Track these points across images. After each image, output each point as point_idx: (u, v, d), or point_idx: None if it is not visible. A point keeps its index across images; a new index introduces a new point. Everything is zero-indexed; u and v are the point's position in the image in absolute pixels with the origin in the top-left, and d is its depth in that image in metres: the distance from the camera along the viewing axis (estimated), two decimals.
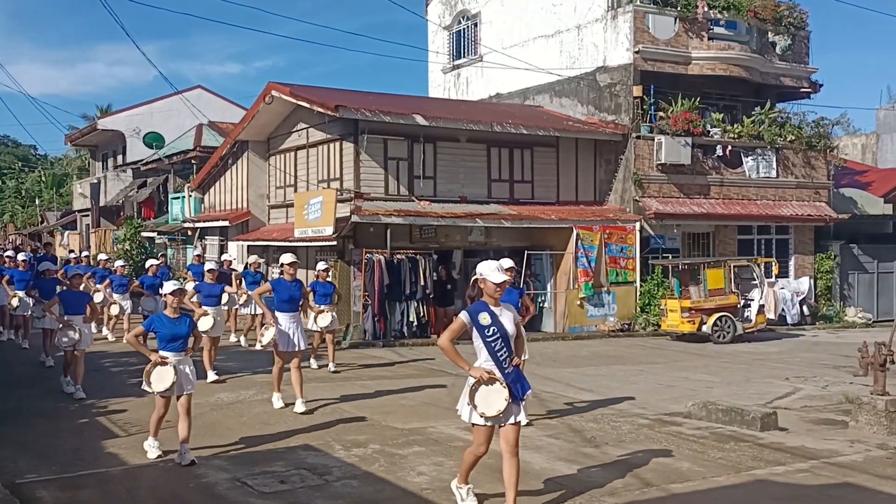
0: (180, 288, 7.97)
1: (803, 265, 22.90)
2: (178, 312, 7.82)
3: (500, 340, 6.01)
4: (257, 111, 21.10)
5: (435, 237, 19.00)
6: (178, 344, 7.74)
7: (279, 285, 10.39)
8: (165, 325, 7.75)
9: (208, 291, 12.97)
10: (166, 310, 7.84)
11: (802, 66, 23.68)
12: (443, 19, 27.40)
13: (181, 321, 7.81)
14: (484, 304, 6.10)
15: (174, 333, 7.74)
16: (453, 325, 6.10)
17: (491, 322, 6.00)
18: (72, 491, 6.94)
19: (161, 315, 7.83)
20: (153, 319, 7.80)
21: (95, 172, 41.83)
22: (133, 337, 7.82)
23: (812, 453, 8.22)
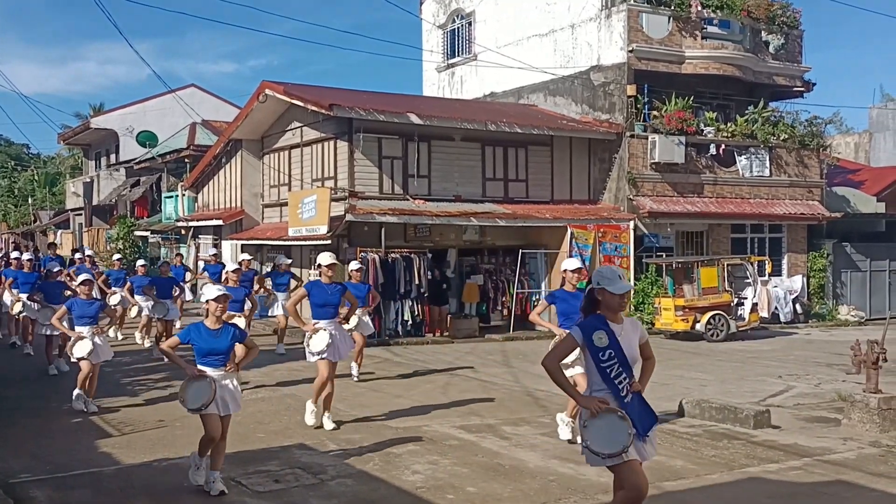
0: (224, 294, 6.81)
1: (796, 263, 22.97)
2: (220, 322, 6.76)
3: (618, 366, 4.97)
4: (251, 110, 21.06)
5: (429, 236, 19.00)
6: (218, 359, 6.72)
7: (315, 289, 9.32)
8: (203, 336, 6.73)
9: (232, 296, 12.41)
10: (206, 319, 6.78)
11: (795, 65, 23.74)
12: (437, 18, 27.39)
13: (223, 333, 6.76)
14: (601, 319, 5.04)
15: (212, 348, 6.71)
16: (562, 345, 5.19)
17: (608, 344, 4.96)
18: (65, 491, 6.93)
19: (200, 325, 6.78)
20: (190, 329, 6.78)
21: (88, 171, 41.73)
22: (168, 347, 6.85)
23: (805, 451, 8.25)
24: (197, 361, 6.76)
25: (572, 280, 8.55)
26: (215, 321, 6.75)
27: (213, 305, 6.74)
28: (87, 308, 10.16)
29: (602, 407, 4.88)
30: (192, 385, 6.66)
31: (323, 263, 9.32)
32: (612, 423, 4.87)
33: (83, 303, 10.20)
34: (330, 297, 9.25)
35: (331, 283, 9.31)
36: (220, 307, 6.74)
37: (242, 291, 12.40)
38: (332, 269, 9.29)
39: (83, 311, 10.13)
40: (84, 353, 9.90)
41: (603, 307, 5.05)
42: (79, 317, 10.11)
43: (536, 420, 9.74)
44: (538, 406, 10.65)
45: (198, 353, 6.76)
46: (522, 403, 10.85)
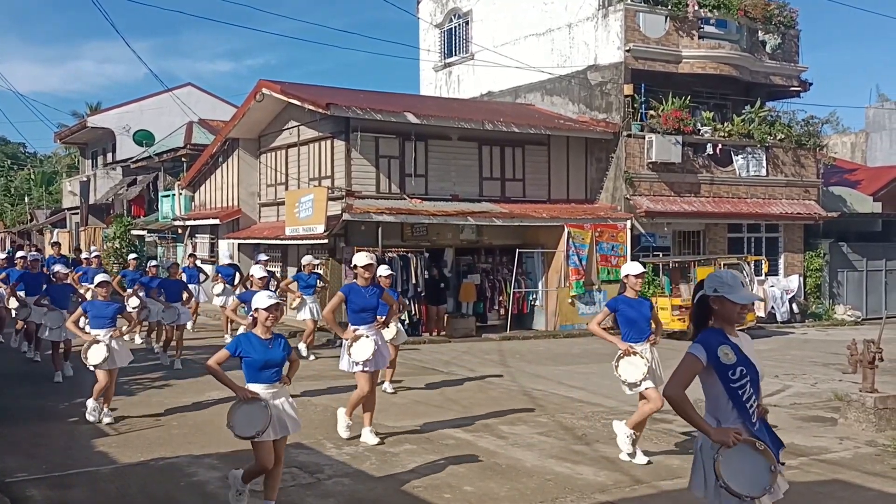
0: (277, 302, 6.11)
1: (793, 263, 23.01)
2: (272, 333, 6.08)
3: (750, 387, 4.20)
4: (248, 109, 21.04)
5: (426, 235, 19.00)
6: (273, 373, 6.04)
7: (354, 292, 8.54)
8: (256, 348, 6.00)
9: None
10: (256, 328, 6.11)
11: (792, 65, 23.77)
12: (434, 17, 27.39)
13: (276, 343, 6.07)
14: (721, 333, 4.26)
15: (268, 360, 6.01)
16: (683, 368, 4.23)
17: (736, 360, 4.18)
18: (62, 490, 6.92)
19: (250, 335, 6.07)
20: (240, 341, 6.06)
21: (85, 170, 41.65)
22: (215, 364, 6.00)
23: (801, 450, 8.27)
24: (248, 377, 6.06)
25: (636, 286, 7.90)
26: (266, 331, 6.06)
27: (264, 315, 6.02)
28: (104, 309, 9.51)
29: (738, 439, 4.09)
30: (242, 408, 5.87)
31: (359, 264, 8.54)
32: (750, 458, 4.12)
33: (100, 304, 9.55)
34: (369, 301, 8.55)
35: (368, 285, 8.58)
36: (272, 317, 6.02)
37: None
38: (369, 271, 8.55)
39: (100, 312, 9.49)
40: (99, 360, 9.20)
41: (718, 319, 4.27)
42: (95, 317, 9.46)
43: (533, 419, 9.75)
44: (535, 405, 10.66)
45: (250, 367, 6.02)
46: (519, 403, 10.85)
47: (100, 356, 9.19)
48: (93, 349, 9.21)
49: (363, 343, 8.34)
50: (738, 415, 4.21)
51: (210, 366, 6.02)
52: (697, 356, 4.19)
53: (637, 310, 7.83)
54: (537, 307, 20.00)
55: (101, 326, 9.38)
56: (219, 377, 6.01)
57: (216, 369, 5.99)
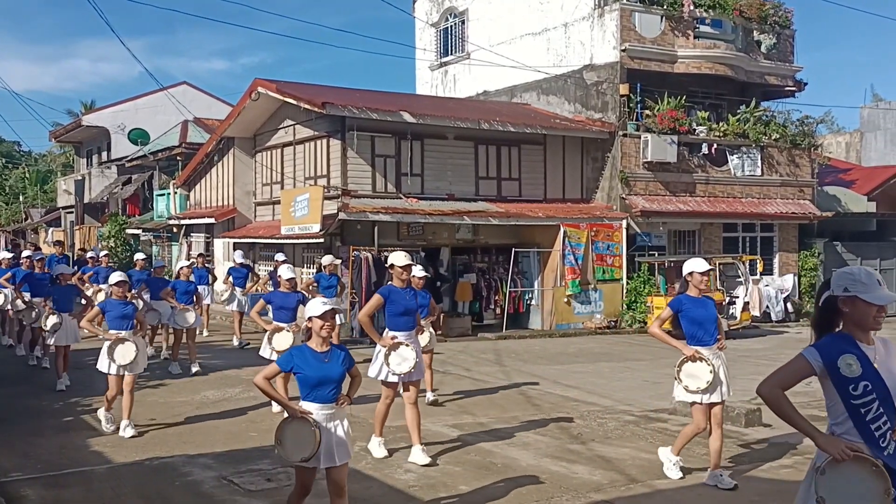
0: (332, 309, 5.39)
1: (787, 262, 23.06)
2: (328, 344, 5.39)
3: (877, 405, 3.59)
4: (243, 108, 21.01)
5: (422, 235, 19.00)
6: (330, 391, 5.28)
7: (393, 294, 7.88)
8: (311, 362, 5.26)
9: (281, 303, 10.06)
10: (310, 340, 5.38)
11: (787, 65, 23.81)
12: (430, 16, 27.38)
13: (333, 357, 5.33)
14: (848, 339, 3.71)
15: (324, 376, 5.26)
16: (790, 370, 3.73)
17: (861, 373, 3.60)
18: (57, 489, 6.91)
19: (304, 347, 5.36)
20: (293, 354, 5.37)
21: (80, 169, 41.57)
22: (263, 380, 5.30)
23: (796, 449, 8.29)
24: (302, 394, 5.33)
25: (700, 284, 7.34)
26: (321, 343, 5.33)
27: (319, 324, 5.28)
28: (122, 309, 8.94)
29: (850, 454, 3.51)
30: (292, 427, 5.19)
31: (397, 264, 7.91)
32: (860, 478, 3.53)
33: (117, 303, 8.95)
34: (410, 304, 7.93)
35: (407, 286, 8.02)
36: (329, 326, 5.29)
37: (294, 298, 10.26)
38: (408, 272, 7.98)
39: (119, 312, 8.90)
40: (129, 360, 8.63)
41: (848, 323, 3.72)
42: (114, 318, 8.87)
43: (529, 419, 9.75)
44: (531, 405, 10.66)
45: (304, 384, 5.28)
46: (515, 402, 10.86)
47: (129, 355, 8.62)
48: (121, 348, 8.63)
49: (404, 352, 7.64)
50: (859, 433, 3.59)
51: (257, 383, 5.32)
52: (809, 361, 3.65)
53: (703, 309, 7.27)
54: (533, 306, 20.01)
55: (122, 327, 8.84)
56: (267, 394, 5.39)
57: (265, 386, 5.29)
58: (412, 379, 7.76)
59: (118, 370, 8.64)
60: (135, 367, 8.77)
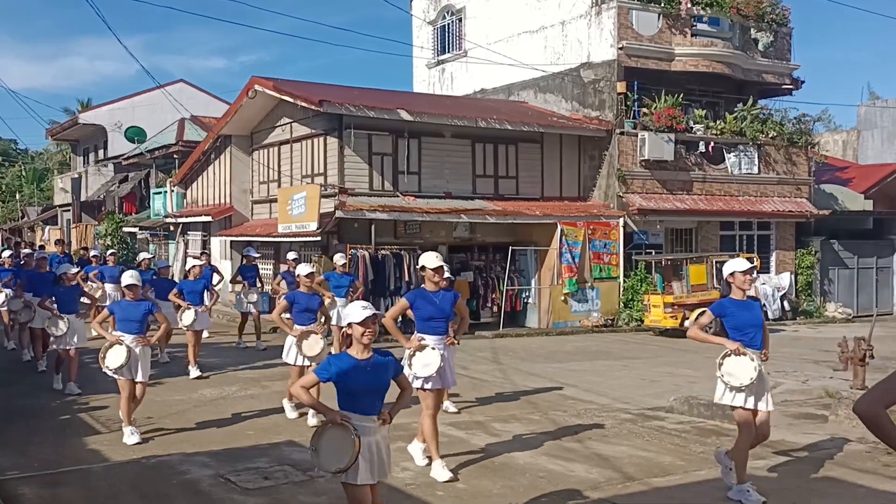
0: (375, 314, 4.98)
1: (784, 261, 23.08)
2: (370, 351, 4.98)
3: None
4: (240, 106, 20.99)
5: (419, 233, 19.00)
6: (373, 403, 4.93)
7: (421, 298, 7.45)
8: (352, 372, 4.89)
9: (306, 304, 9.49)
10: (350, 347, 4.99)
11: (784, 63, 23.82)
12: (427, 14, 27.36)
13: (376, 364, 4.97)
14: None
15: (365, 386, 4.89)
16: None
17: None
18: (54, 488, 6.91)
19: (343, 355, 4.97)
20: (332, 363, 4.94)
21: (76, 167, 41.50)
22: (304, 390, 4.99)
23: (792, 447, 8.31)
24: (341, 405, 4.92)
25: (744, 284, 6.81)
26: (363, 350, 4.94)
27: (360, 330, 4.92)
28: (132, 311, 8.47)
29: None
30: (329, 434, 4.79)
31: (429, 266, 7.42)
32: None
33: (127, 304, 8.52)
34: (440, 308, 7.45)
35: (438, 290, 7.50)
36: (370, 332, 4.93)
37: (317, 300, 9.77)
38: (440, 274, 7.45)
39: (128, 314, 8.46)
40: (118, 364, 8.21)
41: None
42: (122, 320, 8.44)
43: (526, 417, 9.76)
44: (528, 403, 10.67)
45: (347, 394, 4.90)
46: (512, 400, 10.87)
47: (118, 360, 8.21)
48: (112, 351, 8.29)
49: (427, 354, 7.25)
50: None
51: (295, 392, 5.04)
52: None
53: (748, 312, 6.75)
54: (530, 305, 20.02)
55: (129, 331, 8.41)
56: (305, 401, 5.07)
57: (304, 395, 4.98)
58: (435, 386, 7.34)
59: (115, 373, 8.33)
60: (131, 374, 8.32)
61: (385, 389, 5.02)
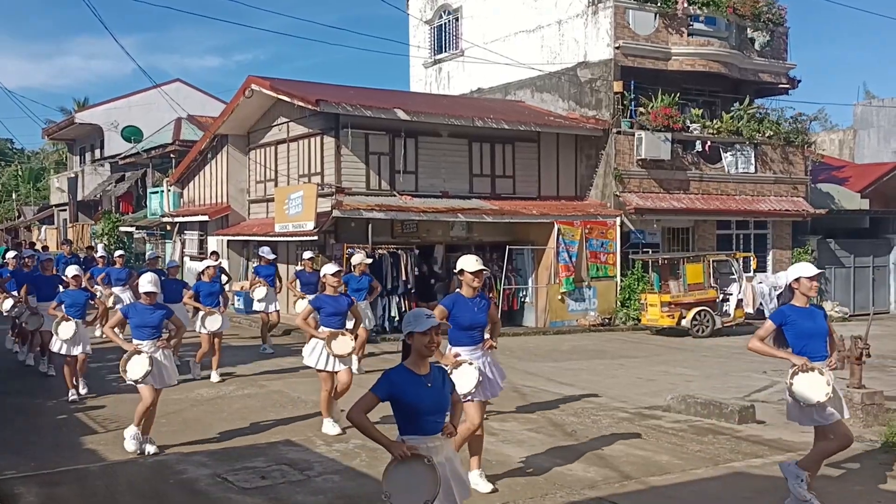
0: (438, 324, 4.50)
1: (781, 260, 23.10)
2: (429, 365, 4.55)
3: None
4: (237, 105, 20.97)
5: (416, 232, 19.00)
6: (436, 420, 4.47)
7: (458, 305, 6.83)
8: (412, 388, 4.42)
9: (333, 308, 8.99)
10: (407, 360, 4.49)
11: (781, 62, 23.85)
12: (424, 13, 27.35)
13: (436, 380, 4.50)
14: None
15: (430, 404, 4.44)
16: None
17: None
18: (51, 487, 6.90)
19: (401, 369, 4.48)
20: (389, 378, 4.44)
21: (73, 166, 41.44)
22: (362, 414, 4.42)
23: (789, 446, 8.32)
24: (402, 427, 4.44)
25: (809, 291, 6.30)
26: (423, 363, 4.49)
27: (422, 340, 4.43)
28: (148, 316, 8.06)
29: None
30: (402, 471, 4.26)
31: (468, 269, 6.83)
32: None
33: (144, 309, 8.09)
34: (478, 317, 6.86)
35: (475, 296, 6.94)
36: (433, 342, 4.45)
37: (346, 302, 9.18)
38: (480, 278, 6.89)
39: (144, 319, 8.04)
40: (140, 374, 7.80)
41: None
42: (138, 326, 8.04)
43: (523, 416, 9.77)
44: (525, 402, 10.67)
45: (408, 414, 4.40)
46: (509, 399, 10.86)
47: (141, 370, 7.79)
48: (133, 361, 7.85)
49: (465, 371, 6.77)
50: None
51: (353, 418, 4.43)
52: None
53: (812, 321, 6.23)
54: (527, 304, 20.03)
55: (145, 337, 8.00)
56: (365, 431, 4.42)
57: (362, 420, 4.38)
58: (479, 398, 6.82)
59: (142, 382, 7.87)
60: (157, 382, 7.93)
61: (448, 407, 4.56)
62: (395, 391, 4.37)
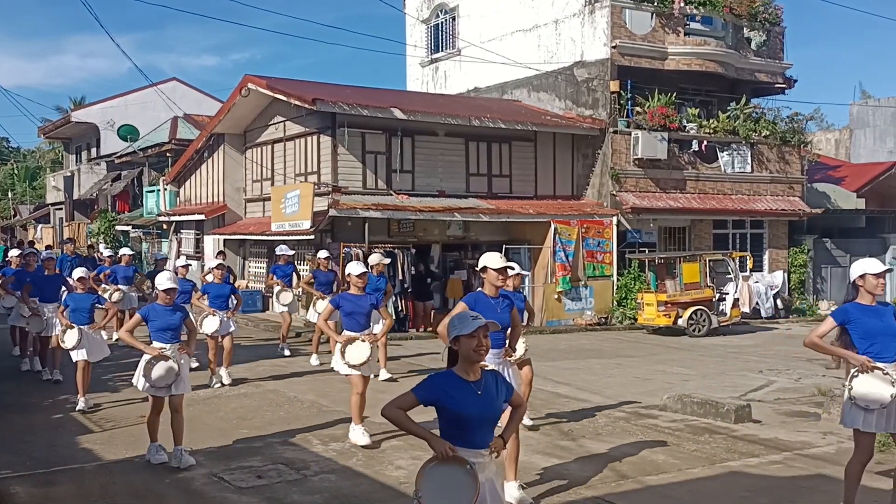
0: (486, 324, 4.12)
1: (777, 259, 23.14)
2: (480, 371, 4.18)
3: None
4: (234, 104, 20.94)
5: (413, 231, 18.99)
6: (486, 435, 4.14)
7: (480, 304, 6.35)
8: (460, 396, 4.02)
9: (353, 307, 8.44)
10: (456, 366, 4.13)
11: (777, 62, 23.88)
12: (421, 13, 27.34)
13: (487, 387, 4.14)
14: None
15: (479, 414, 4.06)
16: None
17: None
18: (46, 487, 6.89)
19: (450, 374, 4.12)
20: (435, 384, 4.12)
21: (69, 165, 41.38)
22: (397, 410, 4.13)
23: (785, 445, 8.33)
24: (446, 435, 4.05)
25: (876, 289, 5.84)
26: (473, 369, 4.11)
27: (470, 344, 4.06)
28: (169, 317, 7.53)
29: None
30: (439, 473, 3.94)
31: (492, 267, 6.47)
32: None
33: (163, 310, 7.51)
34: (500, 317, 6.25)
35: (498, 296, 6.51)
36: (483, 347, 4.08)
37: (369, 302, 8.56)
38: (505, 276, 6.51)
39: (166, 321, 7.50)
40: (168, 381, 7.36)
41: None
42: (160, 329, 7.50)
43: None
44: None
45: (454, 424, 4.04)
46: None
47: (170, 376, 7.35)
48: (159, 367, 7.34)
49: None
50: None
51: (388, 413, 4.12)
52: None
53: (879, 319, 5.79)
54: None
55: (167, 340, 7.50)
56: (402, 425, 4.12)
57: (397, 414, 4.08)
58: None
59: (156, 392, 7.40)
60: (179, 389, 7.48)
61: (499, 417, 4.21)
62: (440, 396, 4.02)
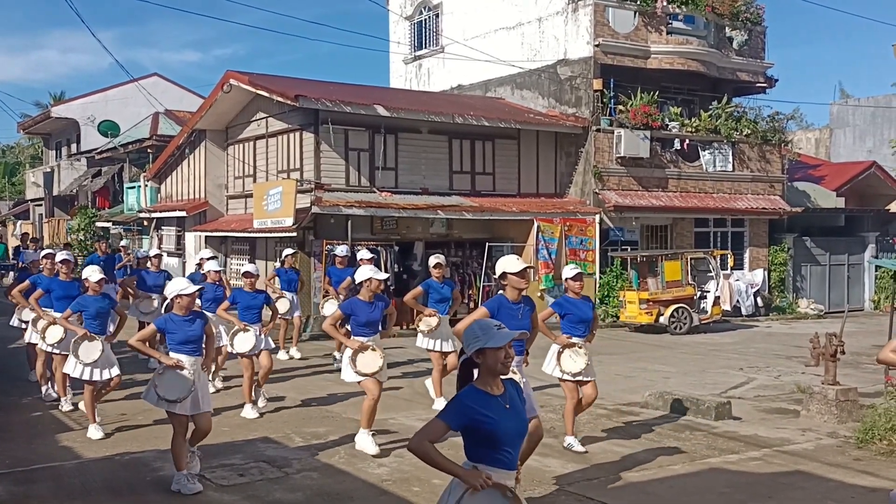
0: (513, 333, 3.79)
1: (758, 257, 23.31)
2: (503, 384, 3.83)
3: None
4: (215, 100, 20.80)
5: (396, 229, 18.97)
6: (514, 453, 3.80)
7: (502, 310, 6.26)
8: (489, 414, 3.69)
9: (366, 316, 8.04)
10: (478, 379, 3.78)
11: (758, 62, 24.04)
12: (404, 9, 27.29)
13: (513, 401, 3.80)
14: None
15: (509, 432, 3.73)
16: None
17: None
18: (26, 485, 6.83)
19: (478, 392, 3.73)
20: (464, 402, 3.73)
21: (49, 161, 40.97)
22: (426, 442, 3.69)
23: (765, 442, 8.40)
24: (473, 455, 3.76)
25: None
26: (497, 382, 3.78)
27: (497, 356, 3.72)
28: (189, 328, 6.78)
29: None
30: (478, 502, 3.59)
31: (510, 271, 6.18)
32: None
33: (182, 321, 6.78)
34: (521, 323, 6.22)
35: (518, 300, 6.37)
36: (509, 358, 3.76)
37: (380, 308, 8.27)
38: (525, 279, 6.29)
39: (187, 333, 6.77)
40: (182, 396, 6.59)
41: None
42: (181, 343, 6.76)
43: None
44: None
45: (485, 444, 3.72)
46: None
47: (182, 391, 6.63)
48: (170, 377, 6.70)
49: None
50: None
51: (416, 447, 3.67)
52: None
53: None
54: None
55: (189, 353, 6.79)
56: (429, 460, 3.66)
57: (427, 449, 3.65)
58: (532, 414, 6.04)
59: (169, 406, 6.65)
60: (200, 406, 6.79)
61: (524, 436, 3.86)
62: (474, 417, 3.65)
